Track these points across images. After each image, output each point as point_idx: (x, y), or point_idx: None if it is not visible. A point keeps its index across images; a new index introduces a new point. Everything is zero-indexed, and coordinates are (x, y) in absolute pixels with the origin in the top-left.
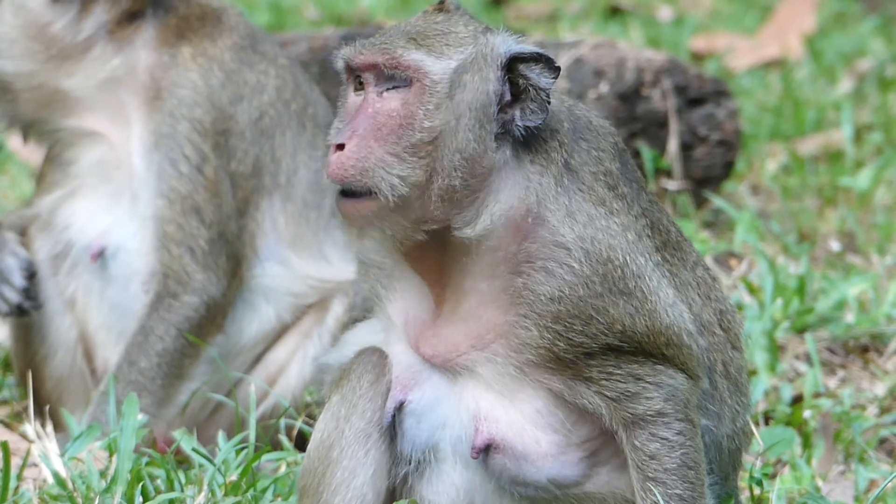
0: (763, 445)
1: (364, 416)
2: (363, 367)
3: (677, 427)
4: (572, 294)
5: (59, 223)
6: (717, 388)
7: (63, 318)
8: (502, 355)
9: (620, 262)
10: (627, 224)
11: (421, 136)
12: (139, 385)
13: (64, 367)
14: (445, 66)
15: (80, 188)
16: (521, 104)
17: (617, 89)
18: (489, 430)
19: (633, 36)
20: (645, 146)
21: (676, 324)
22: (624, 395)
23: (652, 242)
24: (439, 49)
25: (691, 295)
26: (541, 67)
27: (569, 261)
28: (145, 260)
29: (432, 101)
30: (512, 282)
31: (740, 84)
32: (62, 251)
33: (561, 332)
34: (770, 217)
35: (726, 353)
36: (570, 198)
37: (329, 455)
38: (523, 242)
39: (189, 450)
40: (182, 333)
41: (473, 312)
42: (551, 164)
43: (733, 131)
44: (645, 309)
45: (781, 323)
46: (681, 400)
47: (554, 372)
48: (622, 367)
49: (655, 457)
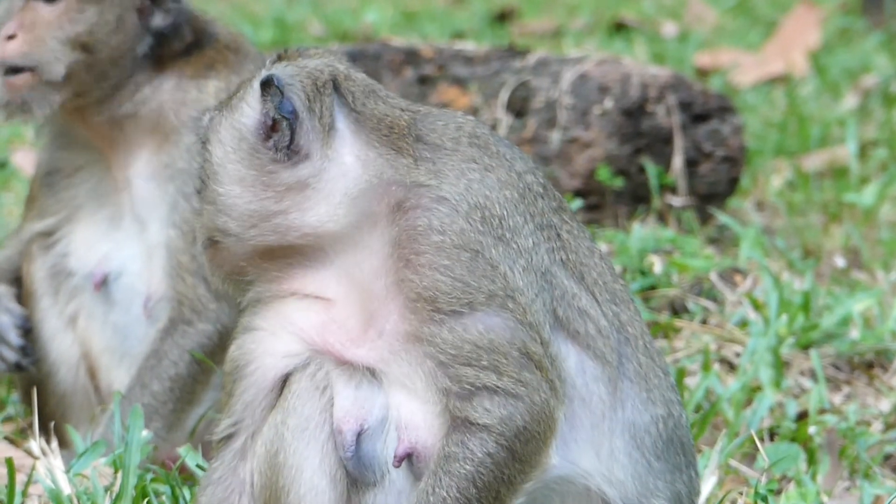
0: (768, 461)
1: (297, 413)
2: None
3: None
4: (454, 224)
5: (58, 250)
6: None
7: (64, 336)
8: (399, 334)
9: (498, 214)
10: (506, 181)
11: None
12: (151, 408)
13: (67, 385)
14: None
15: (77, 213)
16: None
17: (621, 105)
18: (409, 439)
19: (638, 52)
20: (650, 162)
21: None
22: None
23: (538, 204)
24: None
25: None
26: None
27: (446, 201)
28: (147, 283)
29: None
30: (393, 248)
31: (745, 100)
32: (62, 273)
33: (447, 267)
34: (775, 233)
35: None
36: (435, 162)
37: (276, 461)
38: (396, 223)
39: (194, 466)
40: (195, 360)
41: (364, 294)
42: (402, 150)
43: (738, 147)
44: (519, 265)
45: (786, 339)
46: (516, 427)
47: (431, 345)
48: (491, 354)
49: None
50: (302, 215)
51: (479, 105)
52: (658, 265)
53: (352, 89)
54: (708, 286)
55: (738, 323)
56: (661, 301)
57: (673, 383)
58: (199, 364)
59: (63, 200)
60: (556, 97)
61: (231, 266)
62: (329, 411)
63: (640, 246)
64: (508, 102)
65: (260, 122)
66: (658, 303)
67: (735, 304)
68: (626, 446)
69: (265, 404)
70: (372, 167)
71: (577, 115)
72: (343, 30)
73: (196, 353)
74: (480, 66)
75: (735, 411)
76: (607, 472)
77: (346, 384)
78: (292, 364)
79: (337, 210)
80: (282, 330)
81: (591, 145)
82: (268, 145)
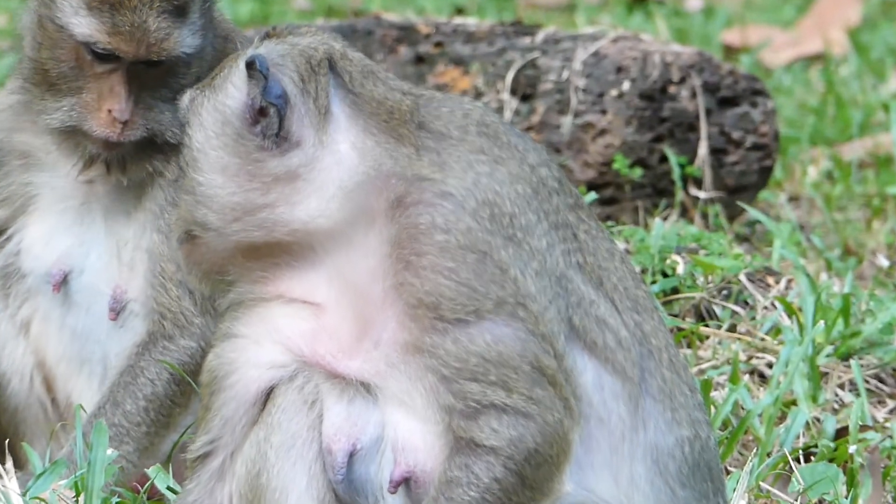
0: (803, 484)
1: (283, 430)
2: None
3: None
4: (460, 222)
5: (8, 248)
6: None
7: (16, 343)
8: (397, 344)
9: (508, 211)
10: (518, 175)
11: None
12: (122, 429)
13: (20, 398)
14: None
15: (32, 203)
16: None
17: (640, 87)
18: (407, 462)
19: (659, 28)
20: (672, 151)
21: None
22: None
23: (553, 201)
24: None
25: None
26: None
27: (451, 197)
28: (112, 282)
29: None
30: (392, 248)
31: (778, 82)
32: (13, 274)
33: (452, 269)
34: (811, 230)
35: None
36: (440, 153)
37: (258, 483)
38: (396, 220)
39: (164, 489)
40: (175, 379)
41: (359, 299)
42: (403, 138)
43: (770, 134)
44: (531, 268)
45: (824, 348)
46: (526, 449)
47: (432, 357)
48: (500, 368)
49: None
50: (290, 209)
51: (482, 87)
52: (681, 266)
53: (349, 69)
54: (737, 289)
55: (770, 330)
56: (685, 306)
57: (700, 401)
58: (178, 384)
59: (15, 187)
60: (568, 78)
61: (210, 264)
62: (318, 428)
63: (662, 244)
64: (514, 84)
65: (246, 104)
66: (681, 307)
67: (767, 308)
68: (648, 472)
69: (246, 420)
70: (369, 157)
71: (592, 98)
72: (328, 4)
73: (176, 373)
74: (483, 44)
75: (767, 428)
76: (626, 500)
77: (338, 399)
78: (277, 376)
79: (329, 204)
80: (266, 338)
81: (607, 132)
82: (254, 131)
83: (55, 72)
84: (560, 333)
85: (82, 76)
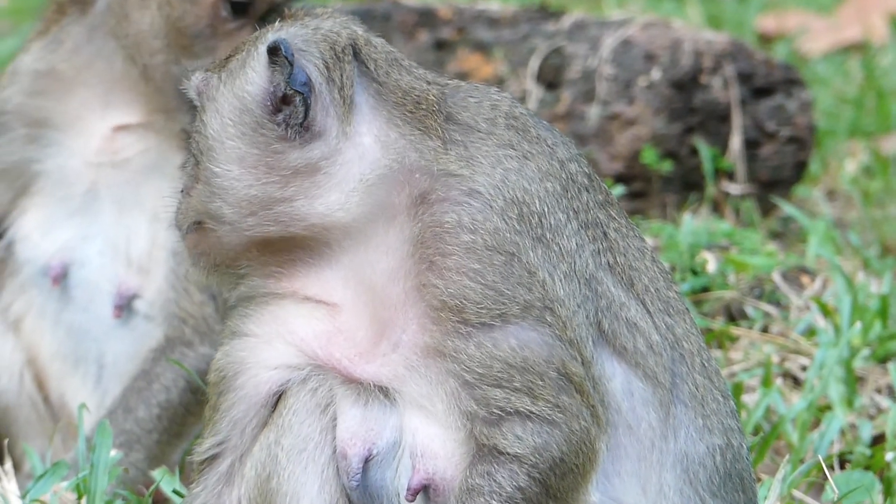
0: (838, 492)
1: (294, 432)
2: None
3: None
4: (487, 222)
5: (7, 237)
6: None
7: (4, 340)
8: (417, 347)
9: (537, 210)
10: (548, 171)
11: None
12: (133, 436)
13: (10, 396)
14: None
15: (31, 186)
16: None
17: (671, 76)
18: (426, 469)
19: (691, 14)
20: (703, 143)
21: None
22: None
23: (583, 198)
24: None
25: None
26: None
27: (479, 195)
28: (116, 278)
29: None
30: (415, 247)
31: (815, 71)
32: (7, 268)
33: (477, 271)
34: (848, 227)
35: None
36: (467, 147)
37: (268, 487)
38: (419, 218)
39: (170, 492)
40: (191, 387)
41: (377, 299)
42: (430, 130)
43: (806, 126)
44: (560, 270)
45: (860, 350)
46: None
47: (454, 362)
48: (525, 374)
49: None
50: (309, 203)
51: (506, 74)
52: (712, 263)
53: (373, 56)
54: (770, 288)
55: (804, 331)
56: (716, 305)
57: (733, 408)
58: (193, 393)
59: (17, 158)
60: (595, 66)
61: (221, 256)
62: (331, 432)
63: (692, 240)
64: (539, 72)
65: (267, 91)
66: (712, 307)
67: (801, 309)
68: (678, 481)
69: (256, 422)
70: (392, 150)
71: (620, 87)
72: None
73: (193, 381)
74: (507, 30)
75: (800, 434)
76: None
77: (354, 403)
78: (289, 377)
79: (349, 198)
80: (278, 338)
81: (636, 123)
82: (276, 120)
83: (192, 29)
84: (588, 339)
85: (215, 35)
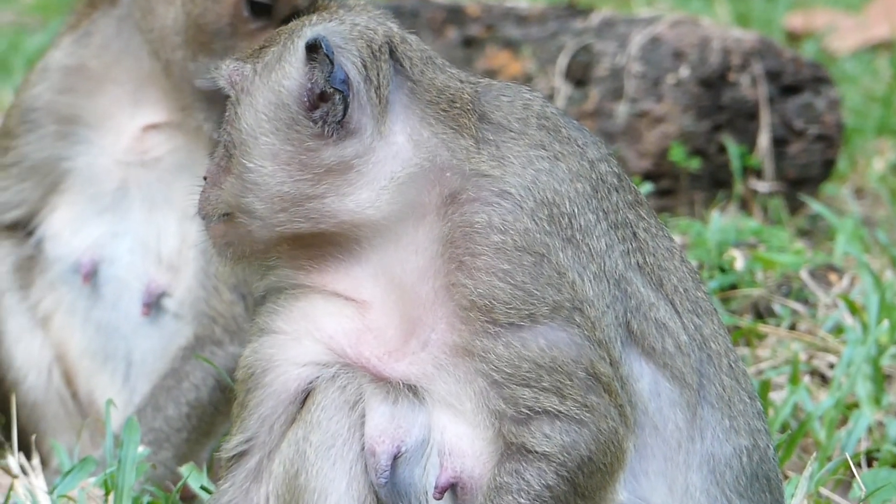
0: (865, 490)
1: (322, 429)
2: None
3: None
4: (517, 223)
5: (33, 237)
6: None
7: (33, 336)
8: (446, 346)
9: (567, 211)
10: (578, 172)
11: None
12: (162, 434)
13: (38, 392)
14: None
15: (62, 183)
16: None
17: (699, 74)
18: (453, 467)
19: (719, 12)
20: (731, 141)
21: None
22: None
23: (613, 199)
24: None
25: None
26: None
27: (510, 196)
28: (145, 276)
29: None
30: (444, 247)
31: (843, 69)
32: (36, 264)
33: (507, 272)
34: (876, 224)
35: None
36: (499, 147)
37: (296, 483)
38: (448, 217)
39: (198, 488)
40: (220, 386)
41: (406, 298)
42: (463, 129)
43: (834, 124)
44: (589, 271)
45: (888, 348)
46: (579, 456)
47: (483, 361)
48: (553, 374)
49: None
50: (340, 200)
51: (534, 72)
52: (740, 261)
53: (409, 54)
54: (797, 286)
55: (832, 329)
56: (743, 303)
57: (760, 409)
58: (223, 391)
59: (46, 154)
60: (624, 64)
61: (249, 248)
62: (359, 429)
63: (720, 238)
64: (568, 69)
65: (305, 88)
66: (739, 305)
67: (829, 306)
68: (704, 482)
69: (284, 418)
70: (424, 148)
71: (648, 84)
72: None
73: (223, 379)
74: (535, 27)
75: (827, 432)
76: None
77: (382, 400)
78: (318, 374)
79: (380, 196)
80: (307, 336)
81: (664, 120)
82: (312, 117)
83: (212, 27)
84: (617, 339)
85: (235, 35)
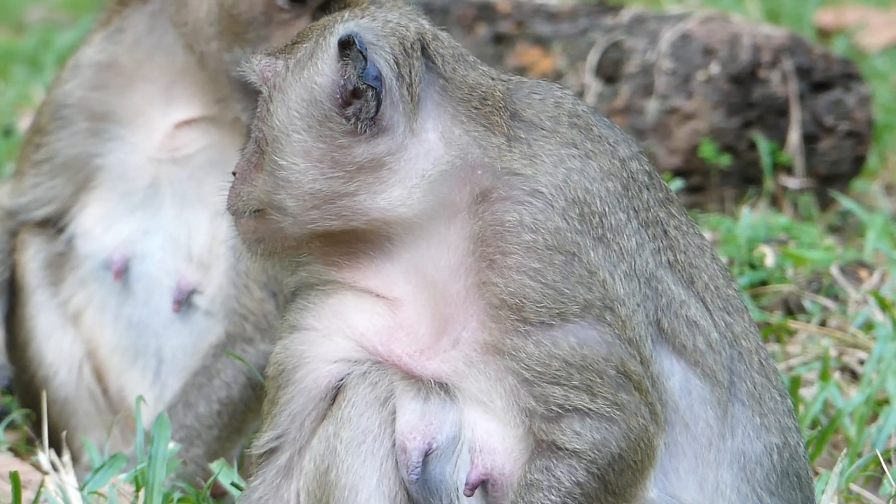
0: (895, 487)
1: (353, 425)
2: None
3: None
4: (549, 222)
5: (63, 233)
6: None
7: (63, 333)
8: (477, 344)
9: (598, 210)
10: (609, 170)
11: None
12: (193, 431)
13: (68, 389)
14: None
15: (93, 180)
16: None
17: (729, 71)
18: (484, 464)
19: (749, 8)
20: (761, 137)
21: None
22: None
23: (643, 197)
24: None
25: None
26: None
27: (541, 195)
28: (175, 273)
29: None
30: (475, 245)
31: (873, 66)
32: (67, 261)
33: (538, 271)
34: None
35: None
36: (531, 145)
37: (326, 480)
38: (479, 215)
39: (229, 485)
40: (251, 383)
41: (437, 296)
42: (494, 127)
43: (865, 121)
44: (620, 270)
45: None
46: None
47: (514, 360)
48: (584, 372)
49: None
50: (371, 198)
51: (564, 68)
52: (770, 257)
53: (441, 51)
54: (828, 282)
55: (862, 325)
56: (774, 299)
57: (790, 407)
58: (253, 389)
59: (78, 150)
60: (654, 60)
61: (280, 244)
62: (390, 425)
63: (750, 234)
64: (598, 66)
65: (337, 85)
66: (770, 301)
67: (859, 303)
68: (735, 479)
69: (315, 415)
70: (456, 146)
71: (678, 81)
72: None
73: (253, 377)
74: (566, 23)
75: (858, 428)
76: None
77: (413, 397)
78: (348, 371)
79: (412, 193)
80: (337, 333)
81: (694, 117)
82: (345, 114)
83: (246, 17)
84: (647, 337)
85: (269, 24)
